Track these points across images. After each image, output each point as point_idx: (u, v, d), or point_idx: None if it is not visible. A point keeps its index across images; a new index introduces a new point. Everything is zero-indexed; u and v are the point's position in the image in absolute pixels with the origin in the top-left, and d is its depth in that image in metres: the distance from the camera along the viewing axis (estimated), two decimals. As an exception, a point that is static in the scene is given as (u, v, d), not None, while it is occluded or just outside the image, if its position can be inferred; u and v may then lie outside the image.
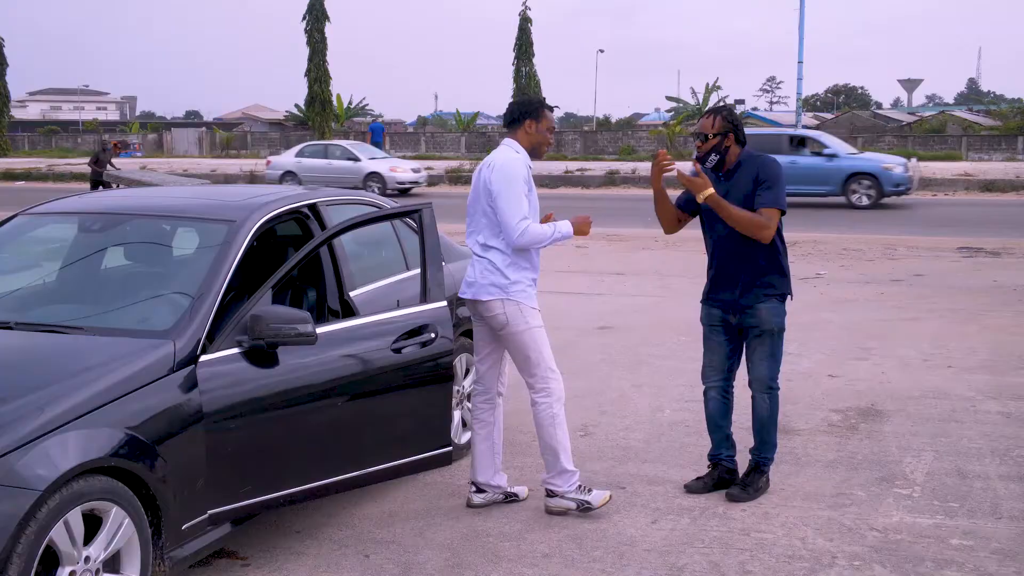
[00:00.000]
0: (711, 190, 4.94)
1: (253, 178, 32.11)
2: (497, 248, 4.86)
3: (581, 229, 5.02)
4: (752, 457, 5.24)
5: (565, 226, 4.95)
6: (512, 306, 4.84)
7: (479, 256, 4.90)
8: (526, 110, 4.99)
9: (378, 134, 44.82)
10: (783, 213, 4.99)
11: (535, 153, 4.99)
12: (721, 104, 4.74)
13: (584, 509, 4.89)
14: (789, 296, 5.15)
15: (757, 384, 5.17)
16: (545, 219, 5.01)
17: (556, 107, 5.16)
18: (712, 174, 5.12)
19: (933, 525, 4.78)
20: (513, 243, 4.80)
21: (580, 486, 4.94)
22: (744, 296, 5.08)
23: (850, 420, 6.48)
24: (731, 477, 5.28)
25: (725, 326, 5.21)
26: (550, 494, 4.95)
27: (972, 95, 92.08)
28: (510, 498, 5.06)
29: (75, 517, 3.40)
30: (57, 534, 3.34)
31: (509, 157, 4.88)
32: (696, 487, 5.28)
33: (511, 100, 5.02)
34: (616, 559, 4.44)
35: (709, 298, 5.26)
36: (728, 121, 5.06)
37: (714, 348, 5.30)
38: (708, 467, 5.38)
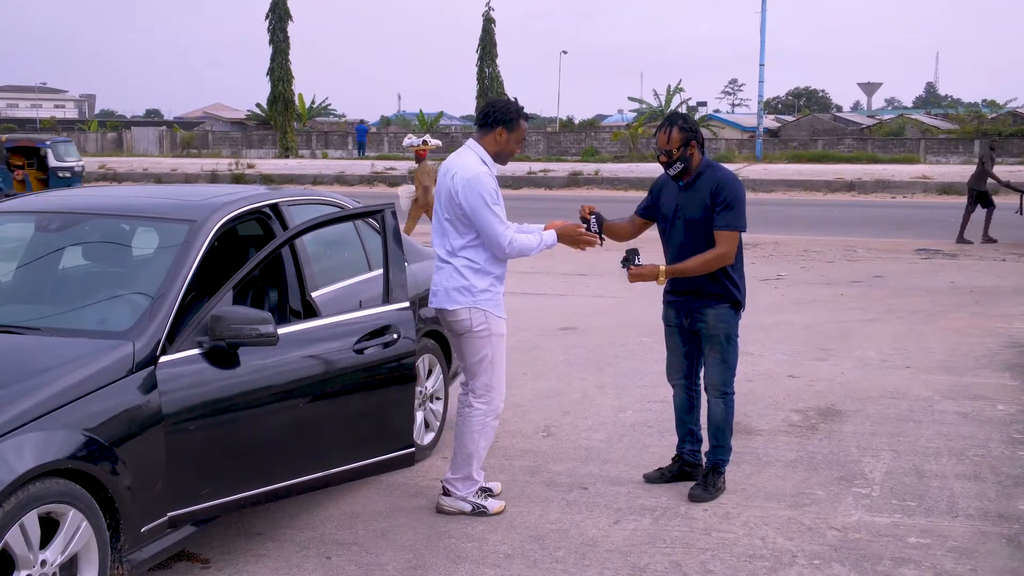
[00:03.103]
0: (662, 268, 5.03)
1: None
2: (465, 256, 4.81)
3: (566, 238, 5.00)
4: (708, 458, 5.29)
5: (550, 236, 4.96)
6: (479, 314, 4.82)
7: (444, 262, 4.85)
8: (503, 118, 4.86)
9: (362, 135, 44.79)
10: (742, 232, 5.02)
11: (499, 159, 4.91)
12: (675, 112, 4.68)
13: (478, 513, 4.88)
14: (741, 305, 5.16)
15: (711, 388, 5.22)
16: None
17: (531, 116, 5.11)
18: (673, 183, 5.14)
19: (891, 524, 4.83)
20: (504, 257, 4.83)
21: (478, 493, 4.95)
22: (694, 301, 5.13)
23: (810, 420, 6.53)
24: (691, 471, 5.33)
25: (680, 328, 5.26)
26: (446, 492, 4.95)
27: (930, 99, 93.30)
28: (484, 492, 5.04)
29: (31, 520, 3.35)
30: (12, 538, 3.29)
31: (478, 171, 4.76)
32: (654, 477, 5.38)
33: (491, 99, 4.89)
34: (578, 559, 4.44)
35: (665, 299, 5.31)
36: (685, 130, 5.03)
37: (672, 349, 5.38)
38: (672, 459, 5.44)
